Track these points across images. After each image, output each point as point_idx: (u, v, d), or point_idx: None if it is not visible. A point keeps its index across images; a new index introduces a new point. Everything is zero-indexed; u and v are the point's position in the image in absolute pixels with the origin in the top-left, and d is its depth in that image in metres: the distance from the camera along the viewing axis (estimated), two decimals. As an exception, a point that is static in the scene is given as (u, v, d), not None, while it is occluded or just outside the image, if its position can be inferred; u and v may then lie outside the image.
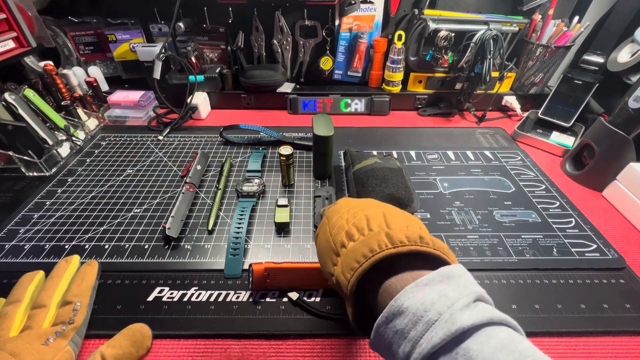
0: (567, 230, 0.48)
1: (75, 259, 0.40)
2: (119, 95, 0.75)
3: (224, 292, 0.39)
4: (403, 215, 0.26)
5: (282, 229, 0.48)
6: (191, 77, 0.71)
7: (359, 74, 0.81)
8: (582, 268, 0.42)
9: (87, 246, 0.45)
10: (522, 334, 0.19)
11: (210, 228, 0.47)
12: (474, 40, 0.69)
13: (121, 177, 0.58)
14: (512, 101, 0.78)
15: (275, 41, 0.77)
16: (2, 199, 0.53)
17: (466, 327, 0.17)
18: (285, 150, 0.52)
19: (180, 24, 0.70)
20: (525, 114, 0.75)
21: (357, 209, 0.26)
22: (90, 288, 0.37)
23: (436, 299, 0.19)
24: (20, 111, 0.56)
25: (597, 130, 0.55)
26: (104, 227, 0.48)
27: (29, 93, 0.60)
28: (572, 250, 0.45)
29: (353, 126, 0.74)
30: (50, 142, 0.59)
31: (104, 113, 0.74)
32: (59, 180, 0.57)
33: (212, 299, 0.38)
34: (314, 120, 0.54)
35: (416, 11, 0.72)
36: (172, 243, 0.45)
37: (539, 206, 0.52)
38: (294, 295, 0.38)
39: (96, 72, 0.79)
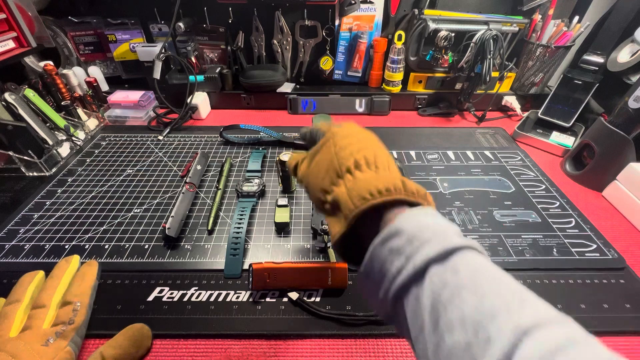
0: (567, 230, 0.48)
1: (75, 259, 0.40)
2: (119, 95, 0.75)
3: (224, 292, 0.39)
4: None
5: (282, 229, 0.48)
6: (191, 77, 0.71)
7: (359, 74, 0.81)
8: (582, 268, 0.42)
9: (87, 246, 0.45)
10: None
11: (210, 228, 0.47)
12: (474, 40, 0.69)
13: (121, 177, 0.58)
14: (512, 101, 0.78)
15: (275, 41, 0.77)
16: (2, 199, 0.53)
17: (458, 245, 0.19)
18: (287, 156, 0.49)
19: (180, 24, 0.70)
20: (525, 114, 0.75)
21: (368, 142, 0.27)
22: (90, 288, 0.37)
23: (431, 223, 0.21)
24: (20, 111, 0.56)
25: (597, 130, 0.55)
26: (104, 227, 0.48)
27: (29, 93, 0.60)
28: (572, 250, 0.45)
29: (353, 126, 0.74)
30: (50, 142, 0.59)
31: (104, 113, 0.74)
32: (59, 180, 0.57)
33: (212, 299, 0.38)
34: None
35: (416, 11, 0.72)
36: (172, 243, 0.45)
37: (539, 206, 0.52)
38: (294, 295, 0.38)
39: (96, 72, 0.79)
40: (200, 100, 0.75)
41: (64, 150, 0.63)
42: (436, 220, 0.22)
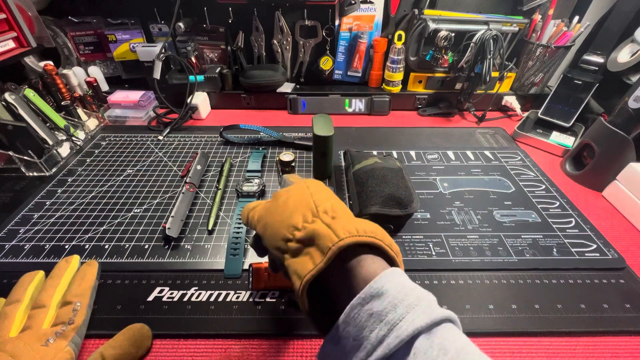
0: (567, 230, 0.48)
1: (75, 259, 0.40)
2: (119, 95, 0.75)
3: (224, 292, 0.39)
4: None
5: (282, 229, 0.47)
6: (191, 77, 0.71)
7: (359, 74, 0.81)
8: (582, 268, 0.42)
9: (87, 246, 0.45)
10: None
11: (210, 228, 0.47)
12: (474, 40, 0.69)
13: (121, 177, 0.58)
14: (512, 101, 0.78)
15: (275, 41, 0.77)
16: (2, 199, 0.53)
17: (445, 317, 0.18)
18: (287, 156, 0.49)
19: (180, 24, 0.70)
20: (525, 114, 0.75)
21: (337, 199, 0.27)
22: (90, 288, 0.37)
23: (414, 286, 0.20)
24: (20, 111, 0.56)
25: (597, 130, 0.55)
26: (104, 227, 0.48)
27: (29, 93, 0.60)
28: (572, 250, 0.45)
29: (353, 126, 0.74)
30: (50, 142, 0.59)
31: (104, 113, 0.74)
32: (59, 180, 0.57)
33: (212, 299, 0.38)
34: (314, 120, 0.54)
35: (416, 11, 0.72)
36: (172, 243, 0.45)
37: (539, 206, 0.52)
38: (294, 296, 0.38)
39: (96, 72, 0.79)
40: (200, 100, 0.75)
41: (64, 150, 0.63)
42: (415, 284, 0.20)
